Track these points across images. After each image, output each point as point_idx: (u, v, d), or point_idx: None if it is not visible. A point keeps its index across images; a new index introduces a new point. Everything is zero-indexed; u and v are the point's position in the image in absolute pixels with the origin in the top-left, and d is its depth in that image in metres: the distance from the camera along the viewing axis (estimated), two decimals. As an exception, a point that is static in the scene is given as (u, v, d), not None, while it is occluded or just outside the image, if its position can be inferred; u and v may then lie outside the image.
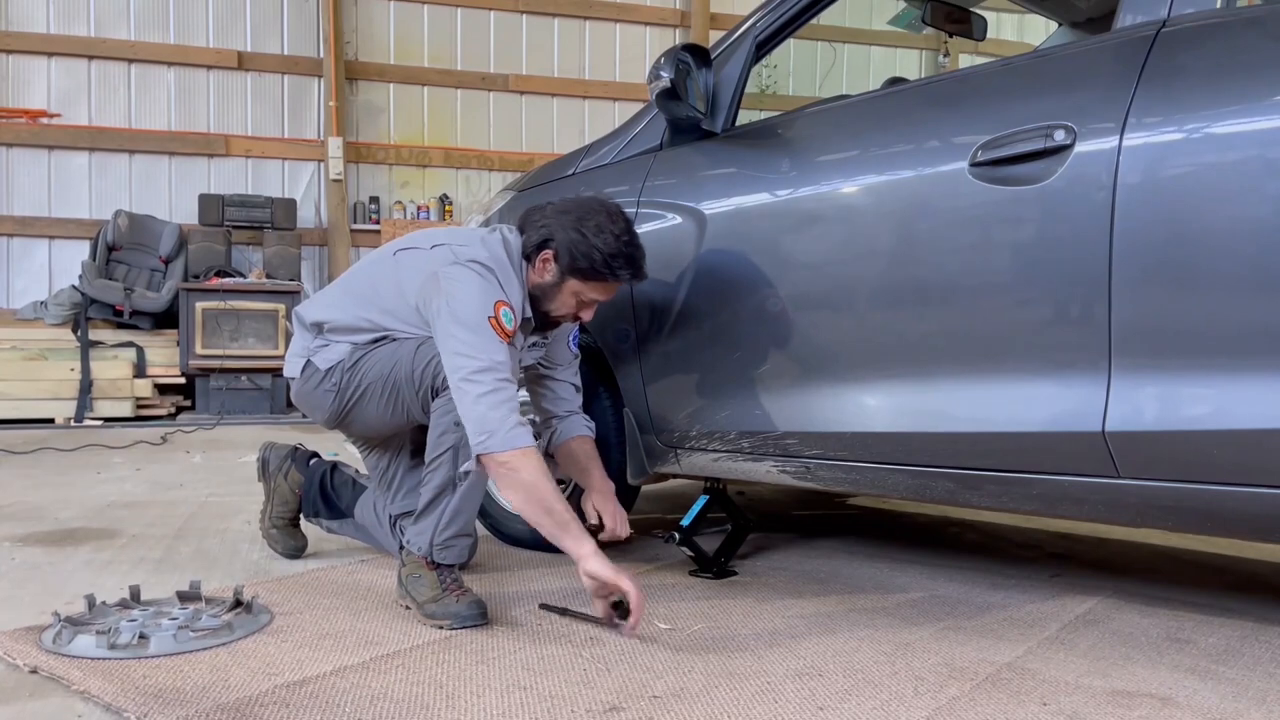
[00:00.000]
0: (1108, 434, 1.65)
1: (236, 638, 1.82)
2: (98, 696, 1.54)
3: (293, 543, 2.49)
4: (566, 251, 2.04)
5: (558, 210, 2.10)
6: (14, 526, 2.89)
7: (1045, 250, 1.72)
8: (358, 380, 2.10)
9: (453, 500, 1.97)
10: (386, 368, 2.07)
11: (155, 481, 3.80)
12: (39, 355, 6.07)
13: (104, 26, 7.11)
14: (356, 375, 2.10)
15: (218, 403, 6.21)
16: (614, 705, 1.52)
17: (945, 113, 1.95)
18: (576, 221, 2.04)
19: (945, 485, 1.94)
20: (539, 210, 2.14)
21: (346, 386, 2.11)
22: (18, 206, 6.98)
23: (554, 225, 2.07)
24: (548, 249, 2.07)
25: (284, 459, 2.48)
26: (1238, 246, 1.53)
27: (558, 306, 2.13)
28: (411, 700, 1.54)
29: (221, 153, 7.35)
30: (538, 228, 2.09)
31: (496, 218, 2.85)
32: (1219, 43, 1.62)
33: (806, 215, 2.09)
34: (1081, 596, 2.14)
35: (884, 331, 1.97)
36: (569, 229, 2.04)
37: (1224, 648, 1.81)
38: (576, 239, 2.03)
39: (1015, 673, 1.67)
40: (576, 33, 8.21)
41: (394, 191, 7.81)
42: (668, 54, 2.16)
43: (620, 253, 2.04)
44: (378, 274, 2.18)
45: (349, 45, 7.63)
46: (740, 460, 2.25)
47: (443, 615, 1.92)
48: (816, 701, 1.54)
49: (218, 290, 6.36)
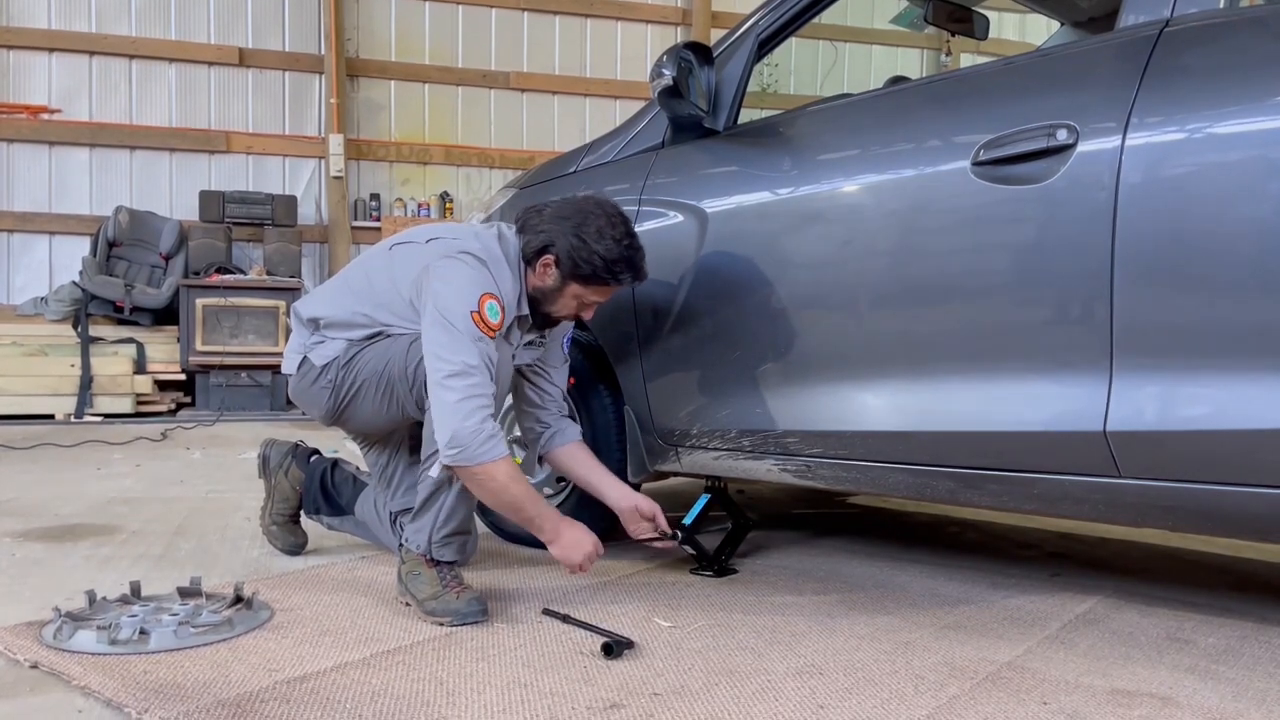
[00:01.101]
0: (1109, 434, 1.65)
1: (237, 634, 1.82)
2: (98, 692, 1.54)
3: (293, 539, 2.49)
4: (568, 257, 2.04)
5: (557, 214, 2.08)
6: (14, 522, 2.89)
7: (1047, 250, 1.72)
8: (352, 377, 2.10)
9: (449, 497, 1.97)
10: (380, 364, 2.07)
11: (155, 478, 3.80)
12: (39, 351, 6.07)
13: (105, 22, 7.11)
14: (351, 372, 2.10)
15: (218, 399, 6.21)
16: (615, 702, 1.52)
17: (947, 112, 1.95)
18: (576, 226, 2.03)
19: (946, 484, 1.94)
20: (537, 212, 2.12)
21: (342, 383, 2.11)
22: (18, 202, 6.98)
23: (554, 230, 2.06)
24: (548, 254, 2.06)
25: (284, 456, 2.48)
26: (1240, 247, 1.53)
27: (559, 309, 2.13)
28: (412, 697, 1.54)
29: (222, 149, 7.35)
30: (537, 232, 2.08)
31: (498, 215, 2.85)
32: (1222, 42, 1.62)
33: (808, 214, 2.09)
34: (1081, 596, 2.14)
35: (885, 330, 1.97)
36: (569, 234, 2.03)
37: (1224, 647, 1.81)
38: (577, 244, 2.03)
39: (1015, 671, 1.67)
40: (578, 30, 8.21)
41: (395, 189, 7.81)
42: (670, 52, 2.16)
43: (621, 257, 2.04)
44: (374, 269, 2.18)
45: (350, 42, 7.63)
46: (741, 458, 2.25)
47: (443, 612, 1.92)
48: (817, 700, 1.54)
49: (218, 287, 6.35)
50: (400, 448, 2.31)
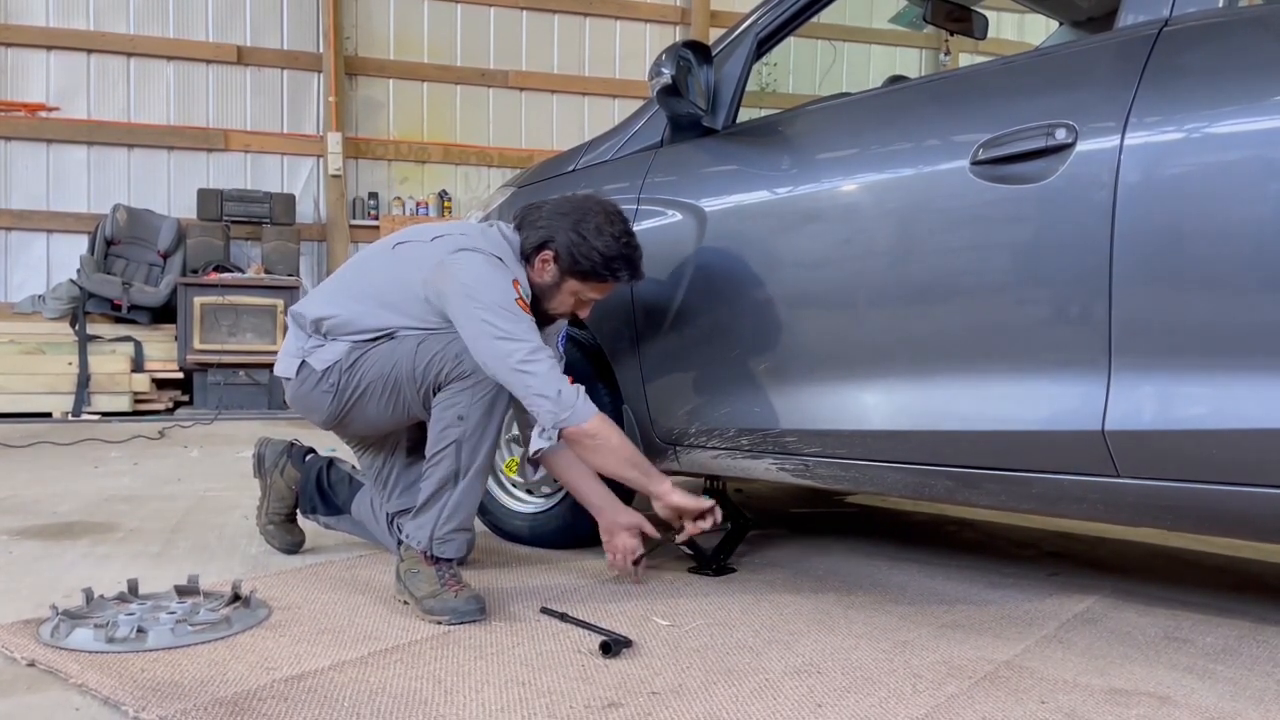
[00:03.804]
0: (1107, 433, 1.66)
1: (234, 632, 1.82)
2: (95, 690, 1.54)
3: (290, 538, 2.48)
4: (566, 253, 2.06)
5: (556, 211, 2.10)
6: (11, 520, 2.89)
7: (1045, 249, 1.72)
8: (357, 379, 2.09)
9: (454, 494, 1.97)
10: (386, 366, 2.06)
11: (153, 476, 3.80)
12: (37, 349, 6.06)
13: (103, 20, 7.10)
14: (355, 375, 2.09)
15: (215, 398, 6.20)
16: (613, 701, 1.52)
17: (946, 111, 1.95)
18: (575, 223, 2.06)
19: (944, 483, 1.94)
20: (536, 209, 2.14)
21: (345, 386, 2.10)
22: (16, 200, 6.98)
23: (553, 226, 2.08)
24: (547, 250, 2.09)
25: (280, 454, 2.47)
26: (1238, 246, 1.53)
27: (556, 305, 2.15)
28: (410, 695, 1.53)
29: (220, 147, 7.35)
30: (536, 228, 2.10)
31: (496, 214, 2.84)
32: (1221, 42, 1.62)
33: (807, 213, 2.09)
34: (1079, 595, 2.14)
35: (883, 329, 1.97)
36: (568, 230, 2.06)
37: (1221, 647, 1.81)
38: (576, 240, 2.05)
39: (1013, 671, 1.67)
40: (576, 29, 8.21)
41: (393, 187, 7.81)
42: (669, 50, 2.16)
43: (620, 254, 2.07)
44: (377, 269, 2.17)
45: (349, 40, 7.63)
46: (739, 457, 2.25)
47: (441, 610, 1.92)
48: (815, 699, 1.54)
49: (216, 285, 6.35)
50: (397, 450, 2.30)
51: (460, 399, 1.95)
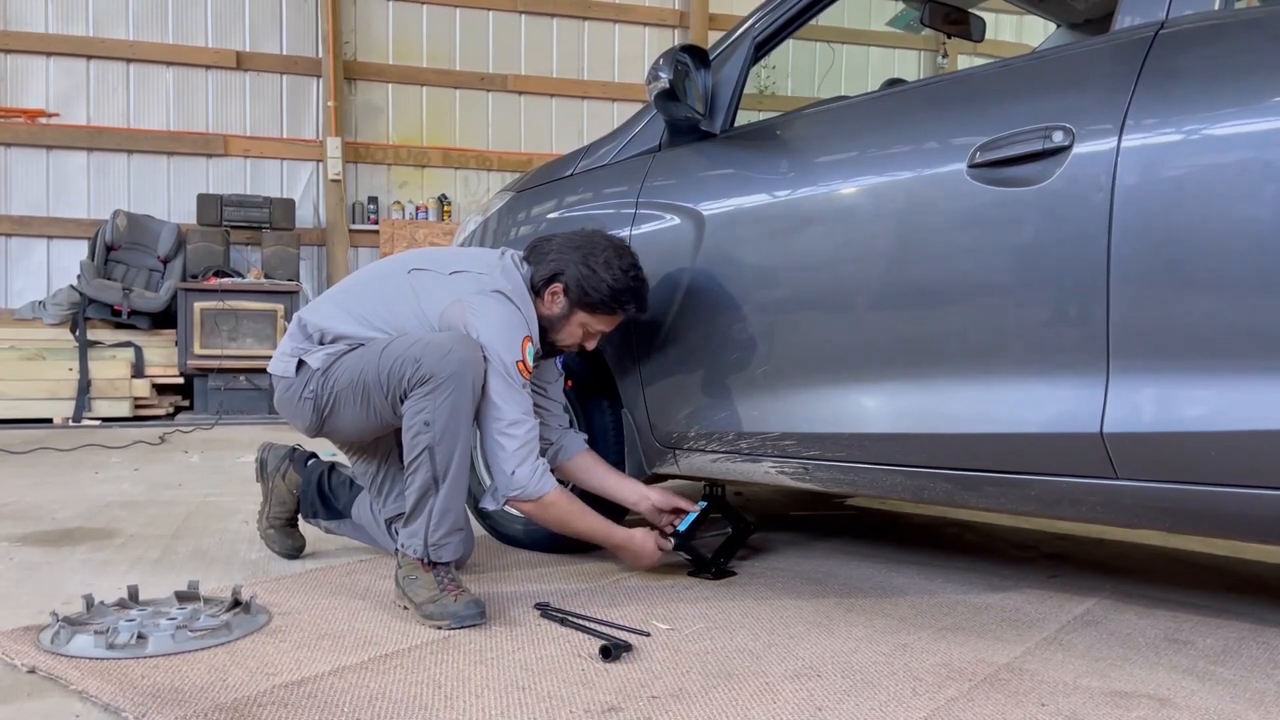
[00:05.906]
0: (1105, 435, 1.66)
1: (235, 638, 1.82)
2: (96, 696, 1.54)
3: (290, 543, 2.48)
4: (576, 285, 2.14)
5: (565, 244, 2.18)
6: (12, 526, 2.89)
7: (1043, 251, 1.72)
8: (330, 386, 2.10)
9: (438, 499, 1.97)
10: (355, 373, 2.06)
11: (153, 481, 3.80)
12: (37, 355, 6.07)
13: (103, 26, 7.11)
14: (329, 382, 2.10)
15: (216, 403, 6.21)
16: (612, 706, 1.52)
17: (943, 114, 1.95)
18: (585, 256, 2.15)
19: (943, 486, 1.94)
20: (546, 243, 2.22)
21: (321, 393, 2.11)
22: (16, 206, 6.98)
23: (563, 260, 2.16)
24: (557, 283, 2.17)
25: (282, 459, 2.48)
26: (1236, 248, 1.53)
27: (564, 337, 2.22)
28: (410, 700, 1.54)
29: (220, 152, 7.35)
30: (547, 261, 2.18)
31: (495, 218, 2.85)
32: (1217, 44, 1.62)
33: (805, 216, 2.09)
34: (1079, 597, 2.14)
35: (882, 332, 1.97)
36: (578, 264, 2.14)
37: (1222, 649, 1.81)
38: (586, 273, 2.13)
39: (1013, 673, 1.67)
40: (575, 33, 8.22)
41: (392, 191, 7.81)
42: (666, 55, 2.17)
43: (628, 287, 2.15)
44: (391, 292, 2.16)
45: (348, 45, 7.64)
46: (738, 461, 2.25)
47: (441, 615, 1.92)
48: (815, 702, 1.54)
49: (216, 290, 6.36)
50: (389, 455, 2.30)
51: (425, 404, 1.95)
